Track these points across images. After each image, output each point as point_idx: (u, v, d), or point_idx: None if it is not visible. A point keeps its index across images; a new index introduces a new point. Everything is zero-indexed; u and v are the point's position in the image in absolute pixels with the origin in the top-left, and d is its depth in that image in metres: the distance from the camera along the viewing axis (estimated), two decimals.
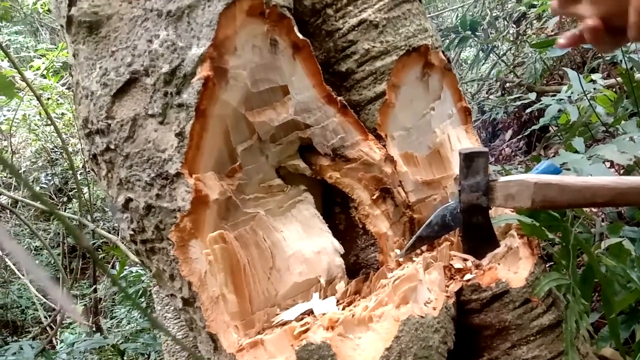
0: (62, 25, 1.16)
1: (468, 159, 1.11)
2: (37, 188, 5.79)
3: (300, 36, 1.08)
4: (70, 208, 5.70)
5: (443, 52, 1.27)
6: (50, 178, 5.96)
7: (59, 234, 5.68)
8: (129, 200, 1.08)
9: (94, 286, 5.17)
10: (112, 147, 1.07)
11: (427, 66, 1.24)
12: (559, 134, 2.53)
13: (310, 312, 1.04)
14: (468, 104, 1.38)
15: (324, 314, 0.99)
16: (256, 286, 1.07)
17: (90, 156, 1.16)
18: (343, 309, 1.03)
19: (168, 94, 1.01)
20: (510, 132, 3.86)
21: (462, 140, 1.32)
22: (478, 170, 1.11)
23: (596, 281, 1.18)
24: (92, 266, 5.52)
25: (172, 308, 1.61)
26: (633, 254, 1.27)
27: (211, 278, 1.02)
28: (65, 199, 5.98)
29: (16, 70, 2.82)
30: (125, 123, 1.05)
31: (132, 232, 1.11)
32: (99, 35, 1.08)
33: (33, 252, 5.77)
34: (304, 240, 1.13)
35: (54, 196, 5.95)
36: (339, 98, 1.14)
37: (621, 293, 1.21)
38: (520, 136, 3.44)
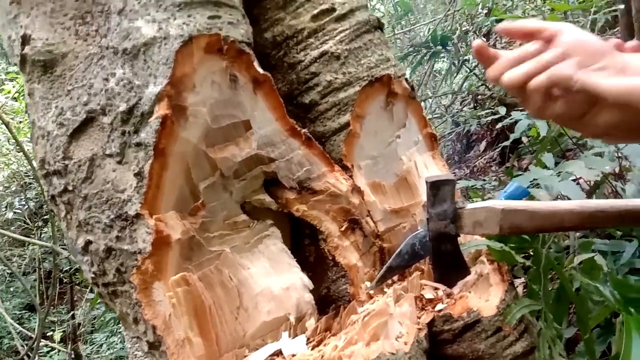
0: (16, 64, 1.13)
1: (434, 187, 1.11)
2: (11, 214, 5.70)
3: (261, 71, 1.06)
4: (45, 232, 5.60)
5: (406, 79, 1.27)
6: (24, 202, 5.85)
7: (34, 259, 5.58)
8: (88, 242, 1.05)
9: (72, 312, 5.04)
10: (70, 188, 1.04)
11: (390, 95, 1.24)
12: (529, 147, 2.56)
13: (279, 353, 1.02)
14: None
15: (293, 355, 0.97)
16: (223, 327, 1.04)
17: (49, 197, 1.12)
18: (313, 348, 1.00)
19: (126, 133, 0.99)
20: (484, 143, 3.90)
21: (429, 166, 1.32)
22: (445, 198, 1.11)
23: None
24: (70, 291, 5.40)
25: None
26: (605, 269, 1.28)
27: (176, 321, 0.99)
28: (40, 222, 5.87)
29: None
30: (83, 163, 1.02)
31: (93, 275, 1.08)
32: (54, 74, 1.05)
33: (8, 279, 5.63)
34: (272, 277, 1.10)
35: (28, 220, 5.83)
36: (302, 130, 1.13)
37: (595, 309, 1.22)
38: (493, 149, 3.48)
